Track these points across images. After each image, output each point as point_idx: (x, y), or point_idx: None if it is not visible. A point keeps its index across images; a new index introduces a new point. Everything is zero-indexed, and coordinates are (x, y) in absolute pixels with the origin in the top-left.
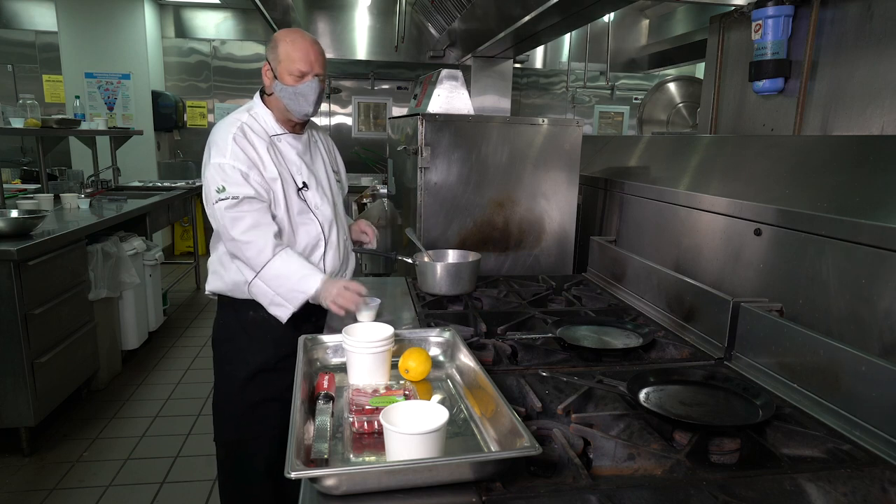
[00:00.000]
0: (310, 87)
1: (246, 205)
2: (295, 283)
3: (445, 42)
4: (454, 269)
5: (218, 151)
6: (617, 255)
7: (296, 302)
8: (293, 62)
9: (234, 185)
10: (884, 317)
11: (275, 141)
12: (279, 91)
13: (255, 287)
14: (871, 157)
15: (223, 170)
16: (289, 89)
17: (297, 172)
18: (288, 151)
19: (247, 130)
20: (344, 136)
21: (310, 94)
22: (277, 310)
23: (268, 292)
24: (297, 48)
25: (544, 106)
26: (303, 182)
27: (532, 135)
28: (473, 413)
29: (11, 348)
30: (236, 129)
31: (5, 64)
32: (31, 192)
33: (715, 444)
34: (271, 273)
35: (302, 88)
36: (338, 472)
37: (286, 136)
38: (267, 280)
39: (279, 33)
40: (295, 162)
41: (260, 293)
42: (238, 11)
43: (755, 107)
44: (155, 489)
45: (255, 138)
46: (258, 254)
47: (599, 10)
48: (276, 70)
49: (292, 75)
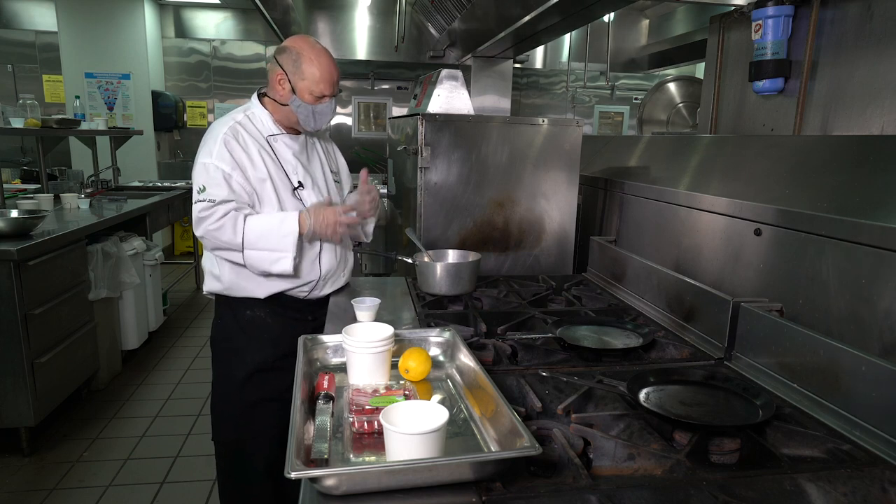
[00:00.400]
0: (328, 108)
1: (220, 207)
2: (278, 230)
3: (445, 42)
4: (454, 269)
5: (206, 151)
6: (617, 255)
7: (290, 247)
8: (317, 83)
9: (213, 187)
10: (884, 317)
11: (271, 141)
12: (296, 106)
13: (249, 258)
14: (871, 157)
15: (207, 169)
16: (308, 107)
17: (293, 172)
18: (284, 151)
19: (239, 131)
20: (344, 136)
21: (327, 113)
22: (279, 265)
23: (262, 255)
24: (322, 69)
25: (544, 106)
26: (298, 181)
27: (532, 135)
28: (473, 413)
29: (11, 348)
30: (227, 129)
31: (5, 64)
32: (31, 192)
33: (715, 444)
34: (252, 237)
35: (321, 108)
36: (338, 472)
37: (283, 136)
38: (253, 244)
39: (301, 45)
40: (291, 162)
41: (257, 260)
42: (238, 11)
43: (755, 107)
44: (155, 489)
45: (248, 139)
46: (233, 231)
47: (599, 10)
48: (295, 85)
49: (313, 95)
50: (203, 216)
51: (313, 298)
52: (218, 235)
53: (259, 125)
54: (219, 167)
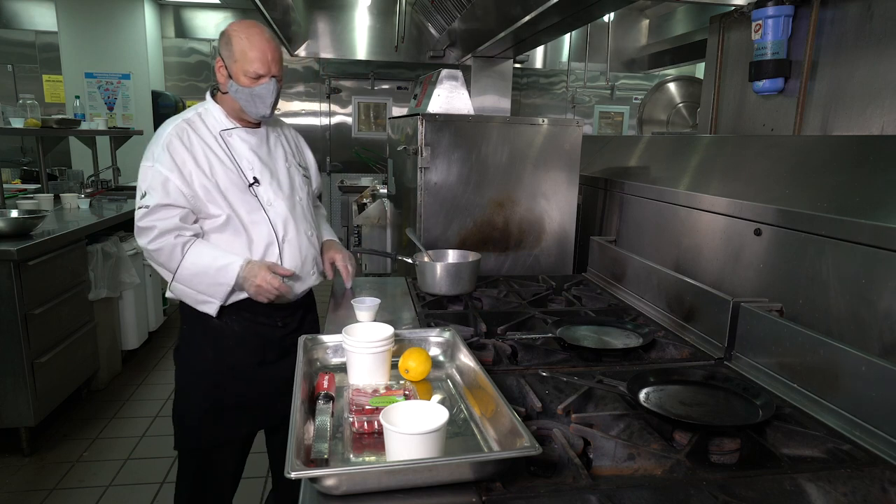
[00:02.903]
0: (266, 89)
1: (157, 213)
2: (213, 277)
3: (445, 42)
4: (454, 269)
5: (149, 153)
6: (617, 255)
7: (220, 295)
8: (249, 63)
9: (152, 191)
10: (884, 317)
11: (225, 136)
12: (234, 91)
13: (176, 289)
14: (871, 157)
15: (146, 173)
16: (244, 90)
17: (248, 168)
18: (239, 146)
19: (185, 129)
20: (344, 136)
21: (267, 96)
22: (204, 307)
23: (189, 292)
24: (253, 47)
25: (544, 106)
26: (254, 177)
27: (532, 135)
28: (473, 413)
29: (11, 348)
30: (171, 129)
31: (5, 64)
32: (31, 192)
33: (715, 444)
34: (186, 274)
35: (258, 90)
36: (338, 472)
37: (237, 130)
38: (185, 281)
39: (232, 27)
40: (246, 156)
41: (182, 294)
42: (238, 11)
43: (755, 107)
44: (155, 489)
45: (194, 137)
46: (169, 258)
47: (599, 10)
48: (230, 68)
49: (248, 76)
50: (142, 227)
51: (282, 303)
52: (154, 256)
53: (211, 122)
54: (159, 170)
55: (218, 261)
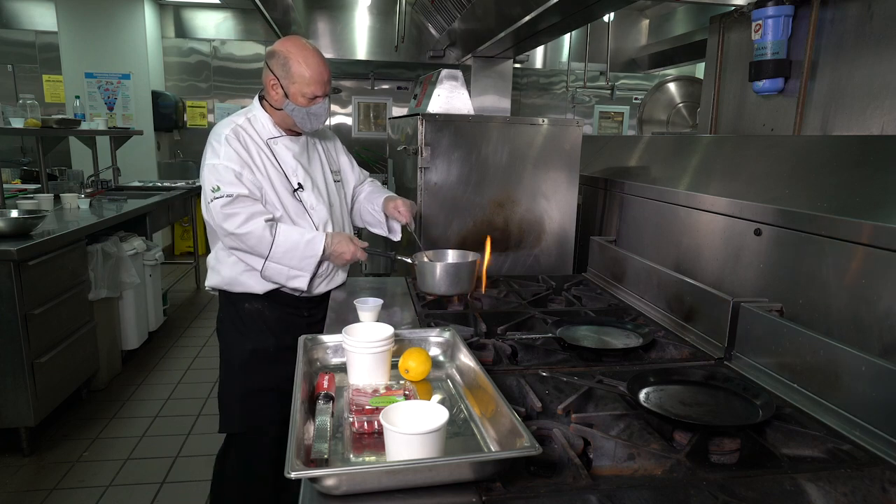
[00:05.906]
0: (322, 108)
1: (239, 202)
2: (303, 251)
3: (445, 42)
4: (454, 269)
5: (213, 153)
6: (617, 255)
7: (309, 268)
8: (307, 85)
9: (227, 185)
10: (884, 317)
11: (271, 144)
12: (291, 110)
13: (269, 269)
14: (871, 157)
15: (217, 170)
16: (302, 110)
17: (293, 174)
18: (284, 154)
19: (240, 132)
20: (344, 136)
21: (322, 114)
22: (296, 281)
23: (282, 270)
24: (310, 69)
25: (544, 106)
26: (298, 183)
27: (532, 135)
28: (473, 413)
29: (11, 348)
30: (229, 132)
31: (5, 64)
32: (31, 192)
33: (715, 444)
34: (279, 253)
35: (315, 109)
36: (338, 472)
37: (283, 138)
38: (278, 259)
39: (288, 48)
40: (291, 164)
41: (275, 273)
42: (238, 11)
43: (755, 107)
44: (155, 489)
45: (249, 141)
46: (259, 241)
47: (599, 10)
48: (286, 89)
49: (306, 97)
50: (228, 213)
51: (308, 296)
52: (245, 240)
53: (260, 128)
54: (228, 167)
55: (304, 236)
